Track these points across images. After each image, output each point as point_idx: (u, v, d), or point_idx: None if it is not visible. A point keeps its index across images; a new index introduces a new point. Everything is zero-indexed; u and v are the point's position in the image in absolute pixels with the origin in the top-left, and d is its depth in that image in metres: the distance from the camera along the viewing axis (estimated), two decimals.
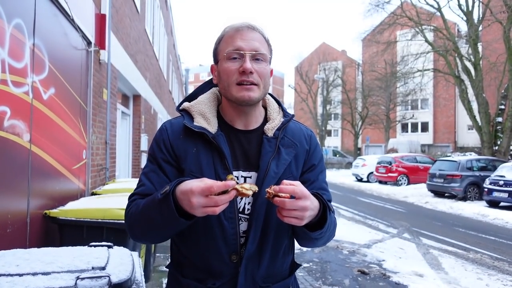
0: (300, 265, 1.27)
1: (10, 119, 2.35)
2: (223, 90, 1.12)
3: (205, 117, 1.12)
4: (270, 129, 1.15)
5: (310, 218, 0.98)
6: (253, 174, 1.11)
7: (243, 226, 1.09)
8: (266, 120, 1.19)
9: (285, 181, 0.97)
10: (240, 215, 1.09)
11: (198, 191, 0.89)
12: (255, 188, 0.94)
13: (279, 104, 1.24)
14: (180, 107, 1.18)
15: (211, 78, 1.20)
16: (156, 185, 1.08)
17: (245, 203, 1.10)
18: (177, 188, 0.95)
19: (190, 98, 1.21)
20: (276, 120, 1.18)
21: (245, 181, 1.11)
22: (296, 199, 0.93)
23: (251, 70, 1.05)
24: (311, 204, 0.96)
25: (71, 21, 3.58)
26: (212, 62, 1.19)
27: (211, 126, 1.10)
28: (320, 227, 1.04)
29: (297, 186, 0.94)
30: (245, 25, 1.10)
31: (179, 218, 0.94)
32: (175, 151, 1.10)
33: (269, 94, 1.24)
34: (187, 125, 1.10)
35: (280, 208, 0.94)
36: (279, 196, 0.93)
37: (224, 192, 0.90)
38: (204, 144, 1.09)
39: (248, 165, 1.12)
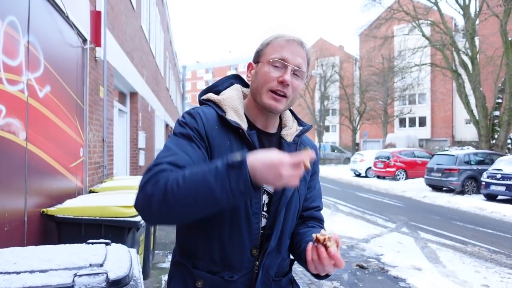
0: (295, 260, 1.30)
1: (5, 118, 2.34)
2: (255, 90, 1.14)
3: (237, 113, 1.13)
4: (289, 135, 1.20)
5: None
6: None
7: (262, 222, 1.13)
8: (280, 126, 1.23)
9: (335, 236, 1.01)
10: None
11: (289, 162, 0.88)
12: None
13: (293, 113, 1.29)
14: (206, 97, 1.18)
15: (234, 74, 1.25)
16: (194, 158, 0.99)
17: (264, 201, 1.13)
18: (248, 159, 0.89)
19: (210, 89, 1.23)
20: (292, 127, 1.22)
21: None
22: (335, 264, 0.96)
23: (289, 83, 1.08)
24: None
25: (66, 18, 3.55)
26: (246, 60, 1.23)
27: (243, 123, 1.12)
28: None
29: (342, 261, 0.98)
30: (296, 39, 1.12)
31: (253, 190, 0.88)
32: (210, 140, 1.07)
33: None
34: (225, 118, 1.10)
35: (322, 257, 0.96)
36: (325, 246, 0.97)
37: None
38: (236, 139, 1.10)
39: None
